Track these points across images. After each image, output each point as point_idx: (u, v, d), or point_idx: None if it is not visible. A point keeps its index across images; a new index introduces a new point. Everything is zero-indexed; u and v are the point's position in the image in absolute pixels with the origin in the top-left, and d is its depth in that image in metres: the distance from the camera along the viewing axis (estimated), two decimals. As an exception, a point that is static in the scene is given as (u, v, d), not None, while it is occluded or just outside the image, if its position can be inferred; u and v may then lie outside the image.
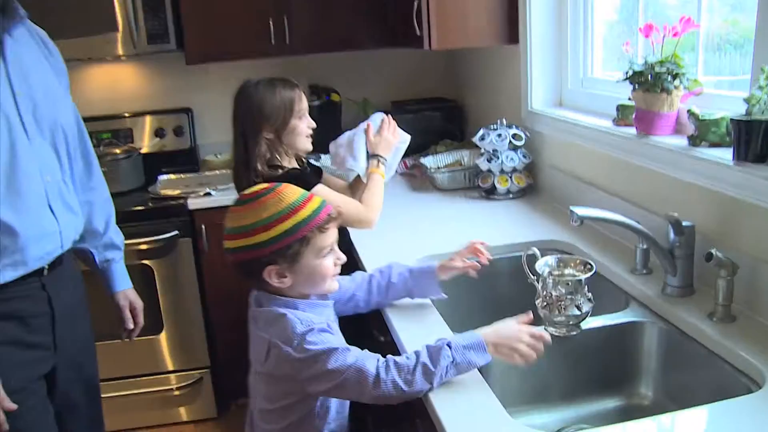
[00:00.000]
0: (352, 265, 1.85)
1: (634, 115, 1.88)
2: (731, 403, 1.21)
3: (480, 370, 1.32)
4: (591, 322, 1.57)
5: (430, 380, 1.25)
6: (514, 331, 1.33)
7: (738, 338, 1.39)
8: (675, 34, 1.75)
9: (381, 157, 2.10)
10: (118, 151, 3.21)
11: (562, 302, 1.50)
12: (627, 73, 1.83)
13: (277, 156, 2.03)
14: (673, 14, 1.92)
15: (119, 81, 3.43)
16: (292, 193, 1.36)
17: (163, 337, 2.96)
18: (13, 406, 1.50)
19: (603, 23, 2.36)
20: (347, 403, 1.50)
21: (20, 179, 1.54)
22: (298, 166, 2.08)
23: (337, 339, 1.35)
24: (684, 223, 1.55)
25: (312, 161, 2.32)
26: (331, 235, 1.38)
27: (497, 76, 2.89)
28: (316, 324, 1.32)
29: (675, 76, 1.75)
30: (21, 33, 1.61)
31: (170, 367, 3.02)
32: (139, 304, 2.02)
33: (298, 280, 1.37)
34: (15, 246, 1.53)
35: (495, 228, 2.21)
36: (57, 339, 1.67)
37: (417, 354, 1.27)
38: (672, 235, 1.57)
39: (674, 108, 1.78)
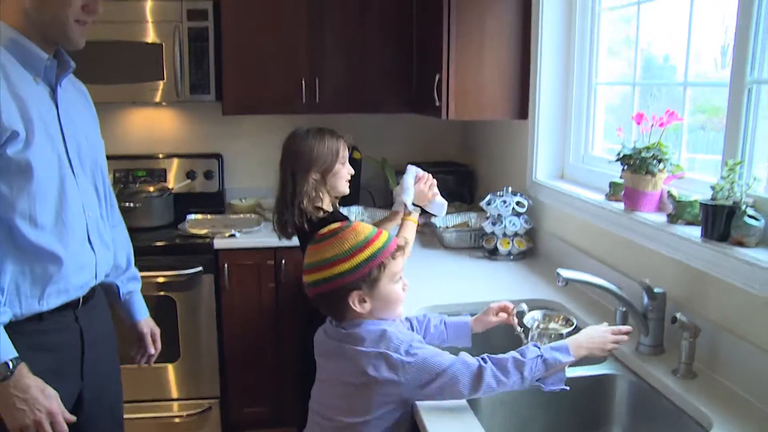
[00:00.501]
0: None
1: (623, 192, 2.11)
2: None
3: (471, 405, 1.52)
4: (572, 372, 1.76)
5: (521, 370, 1.46)
6: (599, 333, 1.62)
7: (696, 393, 1.58)
8: (661, 125, 1.99)
9: (415, 206, 2.34)
10: (151, 189, 3.44)
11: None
12: (618, 155, 2.07)
13: (320, 196, 2.26)
14: (666, 104, 2.17)
15: (158, 124, 3.70)
16: (365, 228, 1.56)
17: (178, 364, 3.15)
18: (73, 418, 1.63)
19: (604, 107, 2.61)
20: None
21: (67, 213, 1.67)
22: (343, 213, 2.31)
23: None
24: (656, 290, 1.76)
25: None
26: (401, 262, 1.57)
27: (507, 147, 3.14)
28: (411, 338, 1.52)
29: (660, 161, 1.98)
30: (67, 81, 1.76)
31: (181, 395, 3.20)
32: (157, 330, 2.13)
33: (376, 306, 1.53)
34: (59, 274, 1.65)
35: (494, 285, 2.43)
36: (84, 368, 1.77)
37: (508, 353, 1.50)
38: (645, 299, 1.78)
39: (658, 188, 2.01)
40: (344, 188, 2.34)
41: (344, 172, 2.31)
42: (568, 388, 1.53)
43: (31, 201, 1.60)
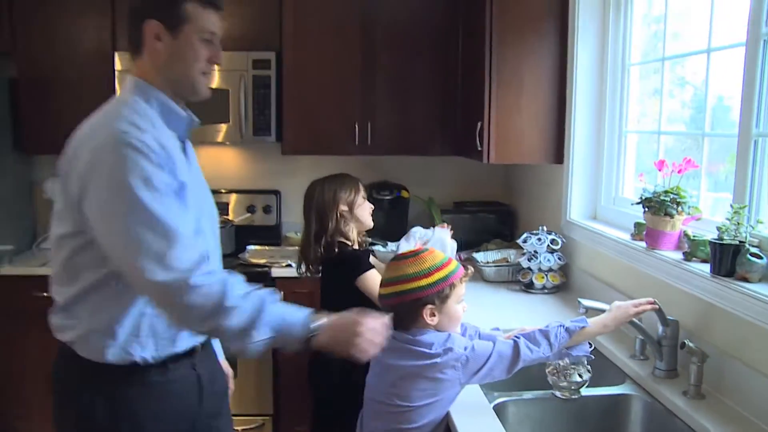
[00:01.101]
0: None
1: (645, 232, 2.31)
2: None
3: (500, 417, 1.76)
4: (593, 391, 1.97)
5: (548, 338, 1.79)
6: (622, 308, 1.94)
7: (704, 412, 1.76)
8: (679, 171, 2.20)
9: None
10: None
11: (567, 371, 1.90)
12: (640, 198, 2.28)
13: (348, 231, 2.54)
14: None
15: (222, 162, 4.04)
16: (439, 253, 1.84)
17: (235, 382, 3.39)
18: None
19: (634, 152, 2.82)
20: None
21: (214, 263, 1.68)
22: (368, 249, 2.58)
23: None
24: (669, 318, 1.96)
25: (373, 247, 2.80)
26: (464, 287, 1.85)
27: (543, 189, 3.35)
28: (467, 340, 1.81)
29: (678, 204, 2.19)
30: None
31: (236, 411, 3.43)
32: (231, 372, 2.13)
33: (442, 320, 1.80)
34: None
35: (530, 315, 2.63)
36: (203, 411, 1.78)
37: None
38: (660, 328, 1.98)
39: (676, 228, 2.21)
40: (369, 220, 2.62)
41: (366, 205, 2.61)
42: (592, 356, 1.86)
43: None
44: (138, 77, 1.68)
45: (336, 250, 2.53)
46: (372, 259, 2.65)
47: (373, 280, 2.42)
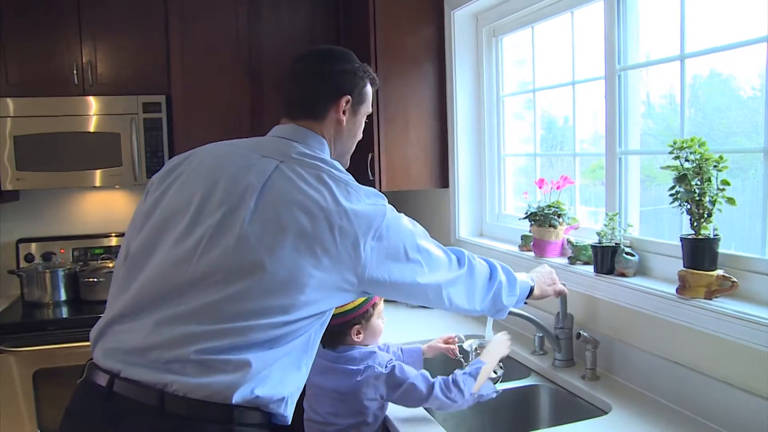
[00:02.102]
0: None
1: (532, 243, 2.63)
2: (593, 421, 1.90)
3: (430, 413, 1.97)
4: (505, 386, 2.23)
5: (457, 384, 1.89)
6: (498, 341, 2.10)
7: (601, 390, 2.07)
8: (558, 187, 2.54)
9: None
10: (111, 264, 3.74)
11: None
12: (526, 213, 2.60)
13: None
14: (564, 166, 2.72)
15: (115, 205, 4.04)
16: None
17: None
18: None
19: (512, 174, 3.17)
20: None
21: None
22: None
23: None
24: (569, 312, 2.27)
25: None
26: (382, 303, 2.05)
27: (432, 211, 3.64)
28: (390, 357, 1.96)
29: (559, 216, 2.52)
30: None
31: None
32: None
33: (367, 336, 1.99)
34: None
35: (433, 328, 2.88)
36: None
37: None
38: (556, 323, 2.28)
39: (559, 237, 2.54)
40: None
41: None
42: (499, 391, 2.00)
43: None
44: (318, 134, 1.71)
45: None
46: None
47: None
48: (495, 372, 2.14)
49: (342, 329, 1.97)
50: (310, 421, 2.06)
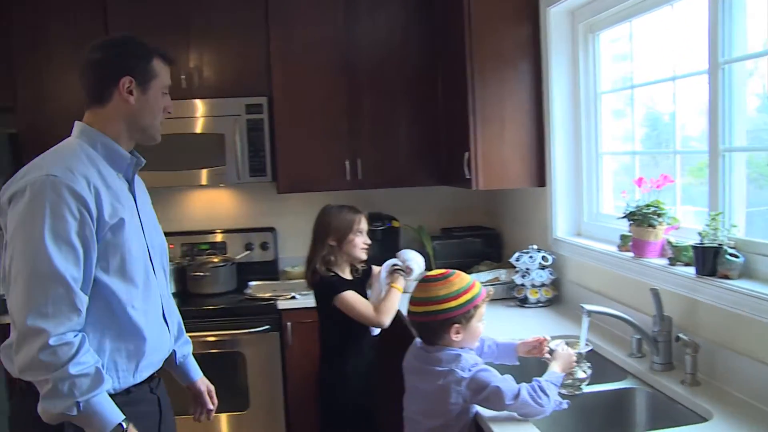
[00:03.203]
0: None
1: (631, 243, 2.56)
2: (692, 428, 1.84)
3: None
4: (598, 388, 2.19)
5: (543, 390, 1.88)
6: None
7: (701, 397, 2.00)
8: (657, 186, 2.46)
9: (402, 272, 2.87)
10: (216, 259, 3.93)
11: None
12: (625, 212, 2.53)
13: (333, 259, 2.81)
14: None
15: (219, 202, 4.23)
16: (466, 276, 2.03)
17: (247, 414, 3.55)
18: None
19: (614, 173, 3.09)
20: None
21: (150, 295, 1.85)
22: (341, 275, 2.83)
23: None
24: (665, 314, 2.20)
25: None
26: (485, 307, 2.06)
27: (529, 211, 3.61)
28: (476, 360, 1.98)
29: (659, 215, 2.44)
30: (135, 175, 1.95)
31: (249, 440, 3.59)
32: (212, 387, 2.25)
33: (465, 337, 2.01)
34: (147, 350, 1.81)
35: (528, 327, 2.85)
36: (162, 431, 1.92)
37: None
38: (654, 326, 2.22)
39: (659, 238, 2.46)
40: (359, 254, 2.86)
41: (358, 241, 2.84)
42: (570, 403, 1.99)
43: (127, 284, 1.77)
44: (87, 123, 1.84)
45: (317, 276, 2.80)
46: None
47: (348, 299, 2.73)
48: (584, 372, 2.11)
49: (442, 326, 1.99)
50: (405, 419, 2.11)
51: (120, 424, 1.66)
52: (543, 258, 3.17)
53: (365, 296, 2.85)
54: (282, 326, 3.53)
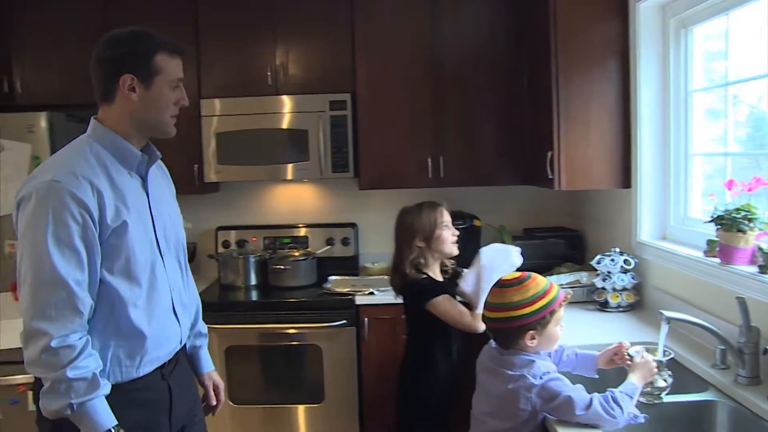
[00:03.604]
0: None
1: (718, 249, 2.45)
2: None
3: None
4: (678, 398, 2.10)
5: (617, 402, 1.82)
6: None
7: (788, 414, 1.89)
8: (749, 189, 2.34)
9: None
10: (297, 253, 3.99)
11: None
12: (712, 216, 2.42)
13: (423, 261, 2.71)
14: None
15: (302, 197, 4.30)
16: (542, 280, 1.98)
17: (322, 406, 3.60)
18: None
19: (702, 175, 2.96)
20: None
21: (156, 293, 1.87)
22: (432, 277, 2.72)
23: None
24: (751, 324, 2.09)
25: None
26: (562, 310, 2.00)
27: (612, 212, 3.50)
28: (549, 368, 1.94)
29: (750, 220, 2.32)
30: (153, 167, 1.96)
31: (323, 434, 3.64)
32: (221, 383, 2.25)
33: (541, 341, 1.97)
34: (149, 347, 1.84)
35: (608, 332, 2.77)
36: (172, 419, 1.95)
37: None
38: (740, 337, 2.11)
39: (749, 244, 2.33)
40: (450, 249, 2.75)
41: (446, 234, 2.73)
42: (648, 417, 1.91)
43: (131, 284, 1.80)
44: (99, 121, 1.86)
45: (408, 279, 2.71)
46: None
47: (441, 305, 2.63)
48: (665, 381, 2.03)
49: (516, 333, 1.96)
50: (472, 417, 2.09)
51: (109, 430, 1.71)
52: (625, 261, 3.07)
53: (455, 297, 2.75)
54: (359, 321, 3.55)
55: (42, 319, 1.67)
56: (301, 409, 3.59)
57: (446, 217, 2.76)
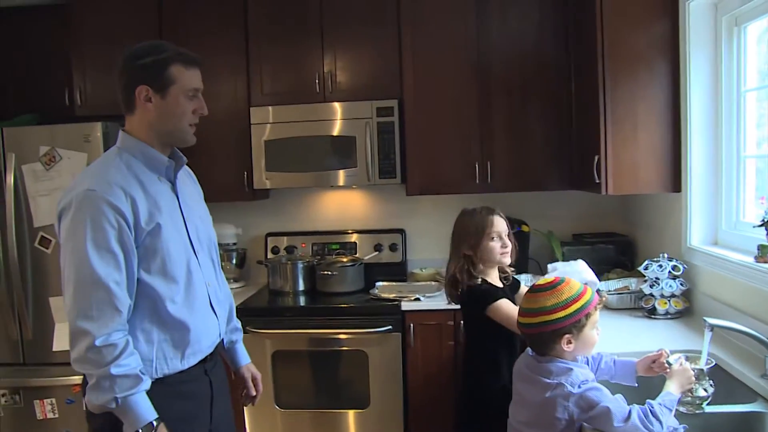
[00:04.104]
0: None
1: (768, 254, 2.36)
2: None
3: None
4: (723, 408, 2.03)
5: (655, 415, 1.77)
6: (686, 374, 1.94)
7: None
8: (800, 192, 2.25)
9: None
10: (344, 259, 4.02)
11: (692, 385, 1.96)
12: (762, 220, 2.33)
13: (472, 268, 2.57)
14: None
15: (349, 203, 4.33)
16: (576, 283, 1.94)
17: (368, 411, 3.60)
18: None
19: (754, 175, 2.85)
20: None
21: (194, 288, 1.99)
22: (489, 281, 2.59)
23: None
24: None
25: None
26: (598, 314, 1.95)
27: (662, 217, 3.41)
28: (587, 377, 1.90)
29: (802, 225, 2.23)
30: (180, 172, 2.09)
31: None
32: (258, 375, 2.38)
33: (578, 346, 1.93)
34: (193, 339, 1.97)
35: (654, 339, 2.69)
36: (213, 413, 2.09)
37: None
38: (789, 345, 2.03)
39: (800, 249, 2.25)
40: (498, 260, 2.57)
41: (494, 245, 2.55)
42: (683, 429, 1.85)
43: (168, 282, 1.93)
44: (126, 131, 1.99)
45: (463, 286, 2.59)
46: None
47: (502, 309, 2.45)
48: (705, 390, 1.97)
49: (552, 337, 1.92)
50: (509, 427, 2.06)
51: (151, 423, 1.82)
52: (674, 267, 2.98)
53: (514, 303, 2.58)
54: (405, 327, 3.54)
55: (84, 319, 1.79)
56: (346, 415, 3.61)
57: (498, 227, 2.58)
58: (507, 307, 2.46)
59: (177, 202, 2.03)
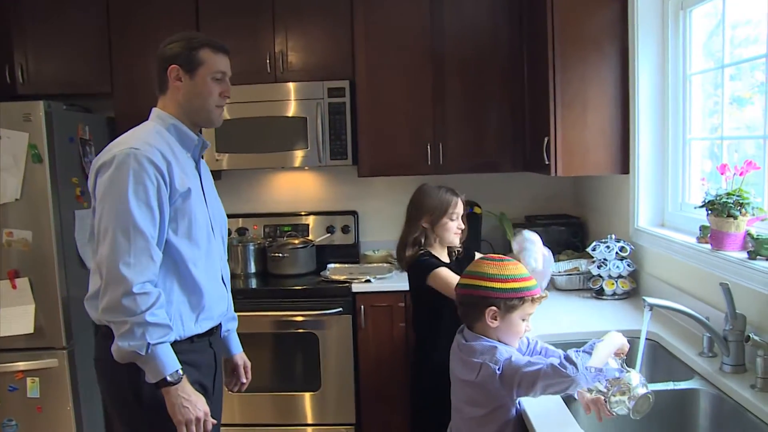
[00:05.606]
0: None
1: (709, 234, 2.39)
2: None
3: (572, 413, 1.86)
4: (661, 386, 2.05)
5: (570, 361, 1.75)
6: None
7: (770, 402, 1.84)
8: (741, 174, 2.27)
9: None
10: (296, 241, 3.98)
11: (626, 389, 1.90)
12: (703, 201, 2.36)
13: (423, 241, 2.65)
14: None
15: (301, 185, 4.28)
16: (524, 269, 1.93)
17: (319, 394, 3.59)
18: (215, 421, 2.02)
19: (699, 158, 2.89)
20: None
21: (212, 255, 2.13)
22: (435, 254, 2.65)
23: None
24: (738, 312, 2.03)
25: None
26: (534, 309, 1.93)
27: (611, 199, 3.44)
28: (511, 353, 1.87)
29: (741, 205, 2.26)
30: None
31: (319, 421, 3.62)
32: (249, 364, 2.48)
33: (502, 328, 1.90)
34: (207, 304, 2.09)
35: (601, 319, 2.72)
36: (216, 385, 2.21)
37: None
38: (726, 324, 2.05)
39: (741, 229, 2.27)
40: (451, 239, 2.68)
41: (452, 225, 2.66)
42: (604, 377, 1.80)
43: (192, 245, 2.04)
44: (160, 109, 2.14)
45: (409, 255, 2.65)
46: None
47: (441, 275, 2.51)
48: (646, 387, 1.96)
49: (479, 304, 1.90)
50: (453, 408, 2.05)
51: (177, 371, 1.93)
52: (621, 248, 3.01)
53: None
54: (355, 309, 3.53)
55: (123, 266, 1.88)
56: (302, 397, 3.59)
57: (459, 209, 2.69)
58: (446, 274, 2.52)
59: (199, 180, 2.16)
